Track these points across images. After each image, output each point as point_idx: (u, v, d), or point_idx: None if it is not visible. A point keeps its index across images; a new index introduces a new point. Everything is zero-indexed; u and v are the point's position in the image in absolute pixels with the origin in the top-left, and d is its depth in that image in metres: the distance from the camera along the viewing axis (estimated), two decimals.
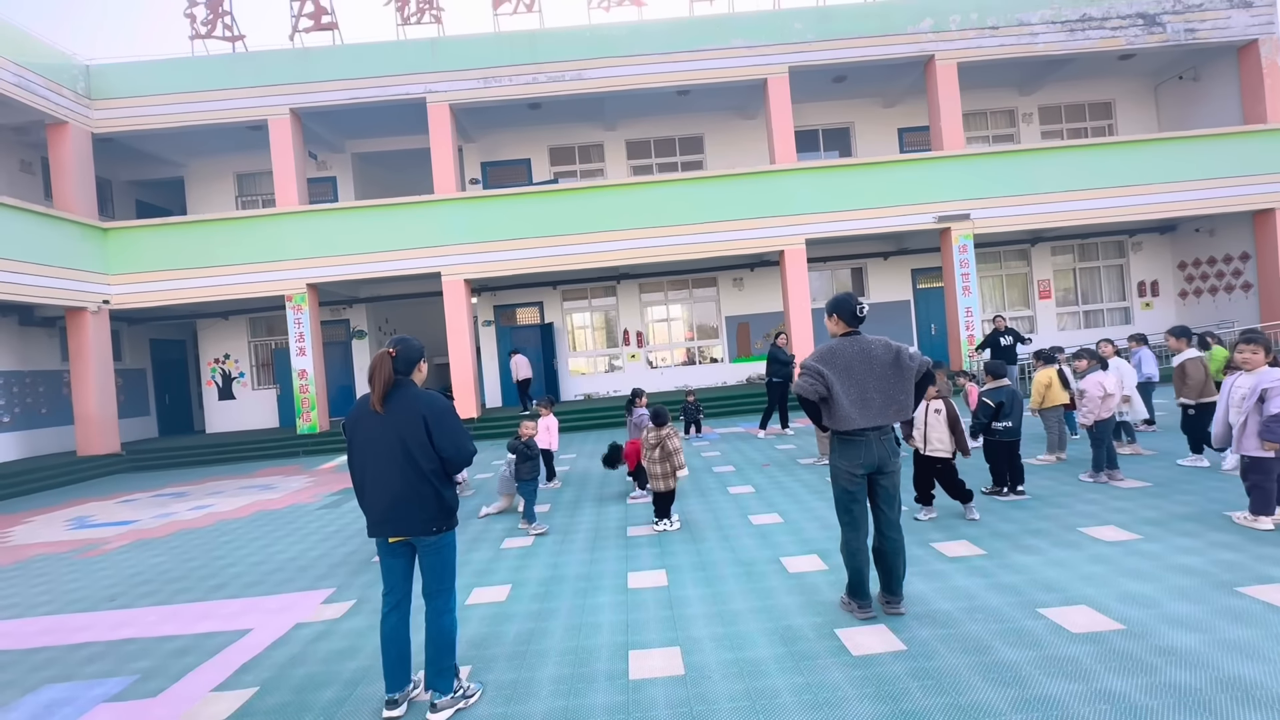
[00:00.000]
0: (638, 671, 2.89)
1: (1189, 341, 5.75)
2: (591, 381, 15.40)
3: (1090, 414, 5.37)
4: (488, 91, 12.83)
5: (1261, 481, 4.00)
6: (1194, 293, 14.98)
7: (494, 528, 5.65)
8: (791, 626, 3.21)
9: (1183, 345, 5.71)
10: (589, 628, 3.40)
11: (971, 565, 3.84)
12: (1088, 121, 15.53)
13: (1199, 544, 3.85)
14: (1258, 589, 3.18)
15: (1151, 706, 2.32)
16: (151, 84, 12.69)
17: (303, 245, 12.67)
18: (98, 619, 4.24)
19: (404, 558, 2.72)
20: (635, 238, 12.70)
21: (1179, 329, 5.82)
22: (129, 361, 14.97)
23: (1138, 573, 3.51)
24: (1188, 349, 5.69)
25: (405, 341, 2.71)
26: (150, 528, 6.97)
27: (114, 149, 13.81)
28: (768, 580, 3.87)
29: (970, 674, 2.63)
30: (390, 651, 2.68)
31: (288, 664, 3.30)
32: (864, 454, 3.12)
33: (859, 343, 3.19)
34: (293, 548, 5.61)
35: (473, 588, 4.15)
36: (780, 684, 2.68)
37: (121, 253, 12.58)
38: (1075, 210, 12.81)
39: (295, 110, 12.82)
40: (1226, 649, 2.66)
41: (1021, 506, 4.96)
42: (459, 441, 2.64)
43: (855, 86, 14.36)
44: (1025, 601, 3.27)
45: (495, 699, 2.76)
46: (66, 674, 3.41)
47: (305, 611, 4.03)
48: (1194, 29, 12.90)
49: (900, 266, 15.28)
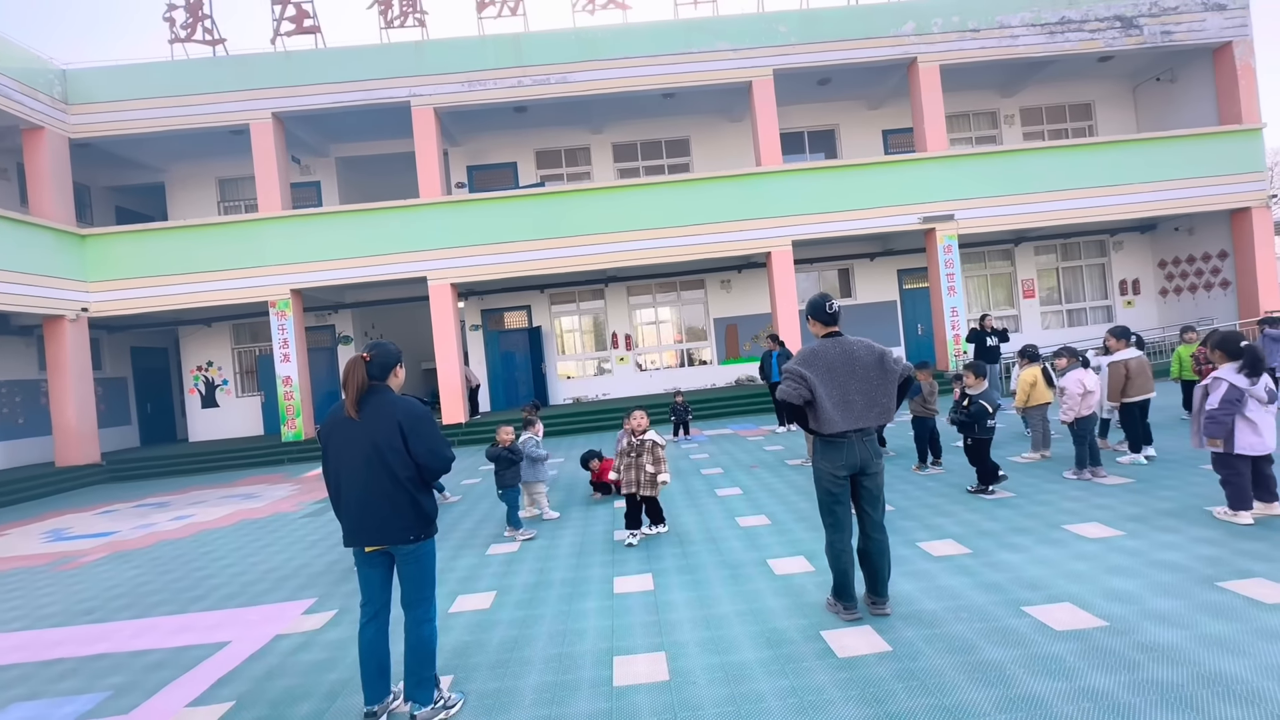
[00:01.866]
0: (622, 678, 2.85)
1: (1128, 342, 5.81)
2: (581, 385, 15.35)
3: (1071, 411, 5.41)
4: (472, 95, 12.77)
5: (1231, 477, 4.06)
6: (1174, 290, 15.20)
7: (480, 534, 5.59)
8: (777, 629, 3.19)
9: (1120, 345, 5.78)
10: (573, 634, 3.36)
11: (957, 564, 3.84)
12: (1068, 123, 15.73)
13: (1180, 539, 3.88)
14: (1238, 584, 3.20)
15: (1134, 704, 2.32)
16: (130, 88, 12.52)
17: (286, 251, 12.54)
18: (71, 634, 4.13)
19: (381, 567, 2.67)
20: (623, 240, 12.68)
21: (1119, 329, 5.90)
22: (109, 370, 14.73)
23: (1120, 569, 3.53)
24: (1125, 349, 5.76)
25: (380, 346, 2.66)
26: (129, 539, 6.83)
27: (92, 154, 13.60)
28: (754, 583, 3.85)
29: (955, 674, 2.62)
30: (369, 663, 2.63)
31: (265, 677, 3.23)
32: (846, 455, 3.11)
33: (841, 344, 3.19)
34: (274, 558, 5.52)
35: (457, 595, 4.09)
36: (765, 688, 2.66)
37: (100, 259, 12.38)
38: (1057, 210, 12.96)
39: (277, 114, 12.69)
40: (1207, 644, 2.67)
41: (1006, 505, 4.98)
42: (436, 448, 2.60)
43: (840, 89, 14.46)
44: (1010, 600, 3.27)
45: (477, 709, 2.71)
46: (36, 692, 3.32)
47: (285, 623, 3.95)
48: (1170, 31, 13.10)
49: (886, 267, 15.38)
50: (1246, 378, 3.98)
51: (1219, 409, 3.98)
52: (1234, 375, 4.01)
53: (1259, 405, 3.95)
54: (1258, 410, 3.95)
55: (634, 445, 4.94)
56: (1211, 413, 4.01)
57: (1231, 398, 3.96)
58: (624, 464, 4.94)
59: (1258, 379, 3.97)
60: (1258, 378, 3.97)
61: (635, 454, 4.91)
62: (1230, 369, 4.05)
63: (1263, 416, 3.97)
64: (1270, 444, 3.97)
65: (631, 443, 4.96)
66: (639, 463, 4.88)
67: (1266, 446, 3.96)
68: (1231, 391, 3.97)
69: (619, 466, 5.03)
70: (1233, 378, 4.00)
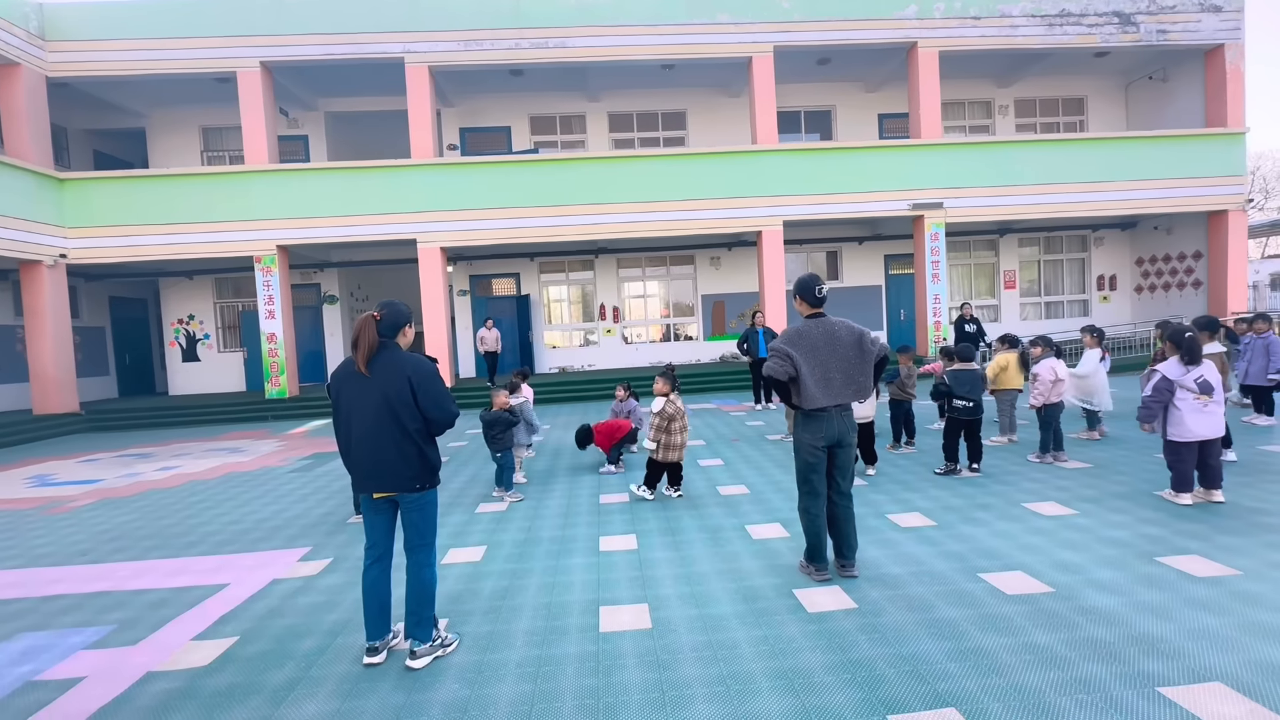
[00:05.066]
0: (608, 625, 3.06)
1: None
2: (567, 355, 15.46)
3: (1040, 396, 5.69)
4: (468, 55, 12.54)
5: (1175, 462, 4.39)
6: (1149, 288, 15.65)
7: (469, 493, 5.76)
8: (753, 587, 3.42)
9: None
10: (562, 586, 3.57)
11: (922, 535, 4.10)
12: (1060, 116, 15.90)
13: (1128, 519, 4.18)
14: (1173, 559, 3.50)
15: (1069, 657, 2.58)
16: (111, 27, 12.06)
17: (273, 205, 12.34)
18: (69, 573, 4.25)
19: (386, 514, 2.83)
20: (615, 212, 12.68)
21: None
22: (86, 319, 14.48)
23: (1071, 543, 3.81)
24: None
25: (391, 305, 2.78)
26: (116, 487, 6.90)
27: (70, 95, 13.15)
28: (732, 545, 4.08)
29: (913, 628, 2.87)
30: (371, 602, 2.80)
31: (267, 616, 3.39)
32: (825, 428, 3.32)
33: (824, 325, 3.37)
34: (266, 509, 5.65)
35: (449, 548, 4.27)
36: (740, 636, 2.89)
37: (80, 205, 12.08)
38: (1044, 203, 13.21)
39: (266, 64, 12.35)
40: (1140, 610, 2.95)
41: (972, 483, 5.26)
42: (442, 403, 2.74)
43: (839, 70, 14.43)
44: (968, 567, 3.53)
45: (472, 648, 2.91)
46: (41, 623, 3.45)
47: (282, 568, 4.11)
48: (1166, 30, 13.24)
49: (874, 252, 15.59)
50: (1184, 365, 4.26)
51: (1150, 396, 4.38)
52: (1172, 367, 4.31)
53: (1189, 396, 4.25)
54: (1187, 400, 4.25)
55: (667, 413, 5.02)
56: (1144, 399, 4.42)
57: (1162, 387, 4.32)
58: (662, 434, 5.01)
59: (1197, 367, 4.25)
60: (1195, 367, 4.25)
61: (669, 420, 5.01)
62: (1174, 361, 4.34)
63: (1193, 406, 4.26)
64: (1202, 433, 4.25)
65: (666, 411, 5.03)
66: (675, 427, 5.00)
67: (1197, 435, 4.25)
68: (1163, 382, 4.32)
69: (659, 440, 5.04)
70: (1168, 370, 4.31)
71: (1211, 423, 4.27)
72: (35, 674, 2.89)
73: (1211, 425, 4.27)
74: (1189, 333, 4.35)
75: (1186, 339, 4.30)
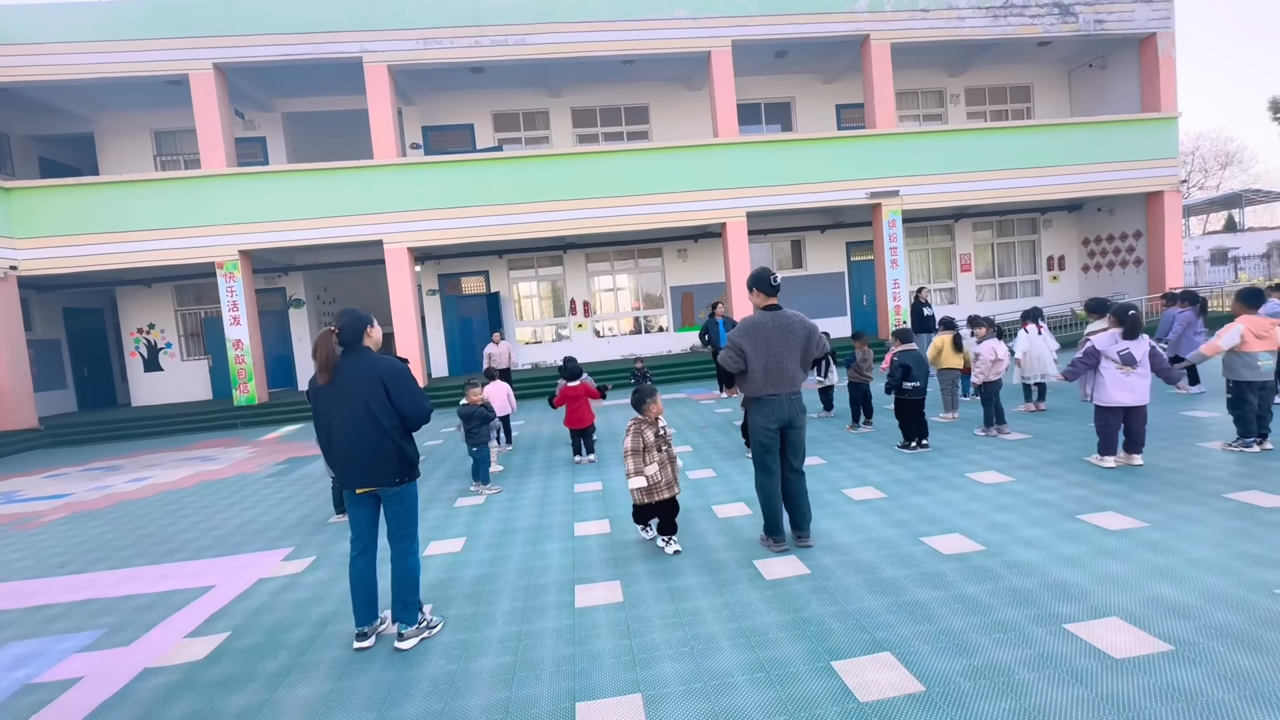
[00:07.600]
0: (583, 601, 3.30)
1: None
2: (539, 350, 15.58)
3: (981, 374, 6.10)
4: (428, 53, 12.49)
5: (1101, 427, 4.82)
6: (1095, 267, 16.43)
7: (447, 489, 5.93)
8: (717, 560, 3.70)
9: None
10: (539, 569, 3.79)
11: (873, 506, 4.43)
12: (1009, 104, 16.52)
13: (1057, 483, 4.58)
14: (1093, 516, 3.88)
15: (992, 604, 2.91)
16: (56, 30, 11.69)
17: (233, 210, 12.16)
18: (51, 584, 4.31)
19: (370, 507, 3.01)
20: (581, 208, 12.82)
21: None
22: (40, 332, 14.06)
23: (1004, 507, 4.18)
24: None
25: (349, 313, 2.93)
26: (87, 500, 6.86)
27: (12, 99, 12.71)
28: (699, 525, 4.35)
29: (858, 589, 3.18)
30: (359, 590, 2.99)
31: (256, 612, 3.54)
32: (776, 411, 3.61)
33: (779, 317, 3.64)
34: (244, 514, 5.73)
35: (429, 541, 4.45)
36: (704, 604, 3.16)
37: (28, 214, 11.74)
38: (995, 188, 13.77)
39: (219, 65, 12.13)
40: (1058, 562, 3.30)
41: (922, 457, 5.64)
42: (416, 401, 2.93)
43: (796, 62, 14.75)
44: (911, 533, 3.86)
45: (456, 628, 3.12)
46: (31, 632, 3.54)
47: (267, 568, 4.24)
48: (1102, 20, 13.88)
49: (836, 240, 16.03)
50: (1123, 339, 4.66)
51: (1079, 358, 4.87)
52: (1103, 339, 4.73)
53: (1112, 366, 4.67)
54: (1110, 370, 4.67)
55: (661, 436, 3.89)
56: (1073, 360, 4.92)
57: (1090, 352, 4.78)
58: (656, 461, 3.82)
59: (1135, 339, 4.65)
60: (1134, 339, 4.65)
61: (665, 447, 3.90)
62: (1108, 334, 4.75)
63: (1115, 376, 4.67)
64: (1123, 400, 4.68)
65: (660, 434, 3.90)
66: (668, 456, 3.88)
67: (1118, 401, 4.69)
68: (1091, 349, 4.77)
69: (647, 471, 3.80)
70: (1099, 340, 4.74)
71: (1133, 393, 4.69)
72: (32, 677, 3.01)
73: (1133, 395, 4.69)
74: (1131, 310, 4.75)
75: (1129, 316, 4.69)
